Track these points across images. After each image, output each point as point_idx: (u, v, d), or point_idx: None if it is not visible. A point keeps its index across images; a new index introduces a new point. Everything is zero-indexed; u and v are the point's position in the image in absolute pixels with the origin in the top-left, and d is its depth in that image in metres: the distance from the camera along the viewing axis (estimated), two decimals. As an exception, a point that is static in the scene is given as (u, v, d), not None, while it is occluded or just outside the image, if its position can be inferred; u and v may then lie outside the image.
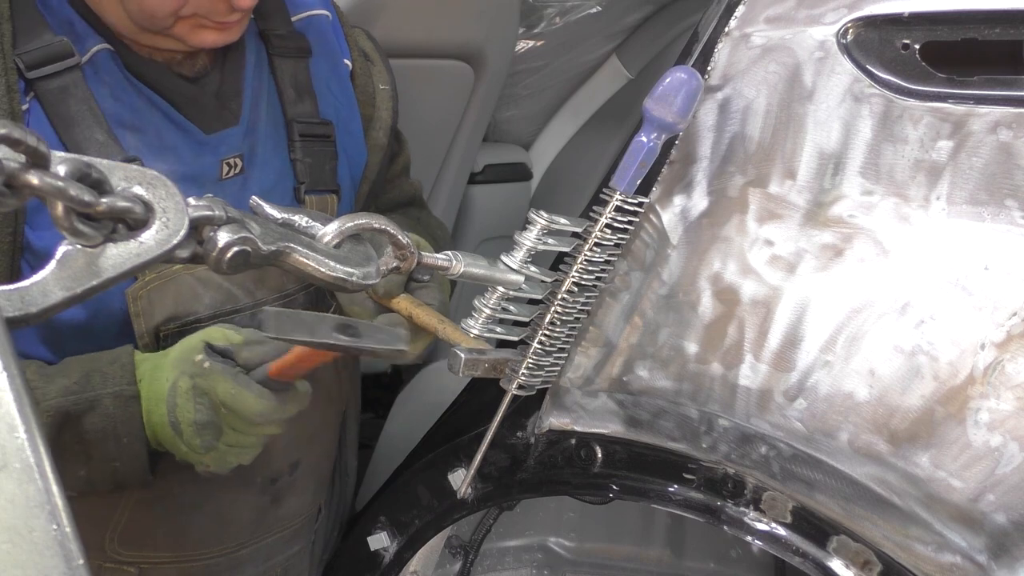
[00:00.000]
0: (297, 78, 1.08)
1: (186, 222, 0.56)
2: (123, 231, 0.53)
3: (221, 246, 0.60)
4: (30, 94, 0.88)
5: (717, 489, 0.91)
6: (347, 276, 0.70)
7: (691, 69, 0.82)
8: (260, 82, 1.06)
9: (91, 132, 0.89)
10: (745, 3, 0.81)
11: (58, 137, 0.88)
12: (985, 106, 0.72)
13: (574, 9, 2.04)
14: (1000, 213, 0.73)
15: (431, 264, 0.84)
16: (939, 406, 0.74)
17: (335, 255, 0.70)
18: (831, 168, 0.79)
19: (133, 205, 0.53)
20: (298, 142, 1.07)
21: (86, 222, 0.51)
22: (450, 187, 2.09)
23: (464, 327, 0.89)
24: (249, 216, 0.65)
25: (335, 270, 0.69)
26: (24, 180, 0.47)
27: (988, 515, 0.74)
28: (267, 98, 1.06)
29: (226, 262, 0.60)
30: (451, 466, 1.07)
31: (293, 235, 0.68)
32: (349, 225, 0.73)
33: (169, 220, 0.55)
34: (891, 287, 0.77)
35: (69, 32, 0.91)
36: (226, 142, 1.00)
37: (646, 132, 0.82)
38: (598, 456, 0.97)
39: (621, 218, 0.85)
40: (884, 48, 0.76)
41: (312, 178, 1.07)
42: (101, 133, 0.90)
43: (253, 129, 1.03)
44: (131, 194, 0.54)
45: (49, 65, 0.88)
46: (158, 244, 0.54)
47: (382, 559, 1.18)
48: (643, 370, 0.91)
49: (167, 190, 0.56)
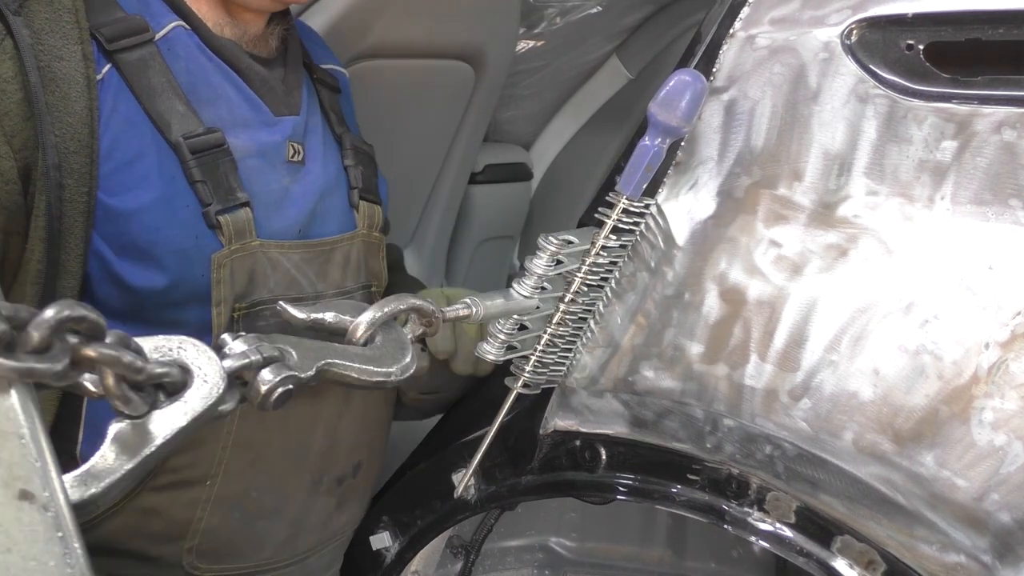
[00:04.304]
0: (334, 107, 1.13)
1: (222, 375, 0.57)
2: (164, 397, 0.55)
3: (264, 391, 0.61)
4: (107, 65, 0.89)
5: (721, 489, 0.91)
6: (386, 377, 0.71)
7: (695, 72, 0.82)
8: (311, 94, 1.09)
9: (172, 103, 0.91)
10: (750, 5, 0.82)
11: (142, 107, 0.90)
12: (989, 106, 0.72)
13: (574, 9, 2.04)
14: (1004, 213, 0.73)
15: (454, 318, 0.86)
16: (943, 405, 0.75)
17: (371, 357, 0.71)
18: (836, 169, 0.79)
19: (170, 369, 0.54)
20: (350, 150, 1.10)
21: (134, 390, 0.53)
22: (450, 187, 2.09)
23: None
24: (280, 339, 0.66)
25: (375, 374, 0.70)
26: (84, 354, 0.48)
27: (992, 514, 0.74)
28: (316, 110, 1.09)
29: (272, 404, 0.62)
30: (455, 466, 1.07)
31: (327, 347, 0.69)
32: (379, 316, 0.73)
33: (207, 376, 0.57)
34: (896, 287, 0.77)
35: (144, 10, 0.94)
36: (290, 127, 1.02)
37: (651, 136, 0.83)
38: (602, 457, 0.97)
39: (627, 219, 0.85)
40: (888, 49, 0.76)
41: (363, 185, 1.10)
42: (181, 104, 0.91)
43: (309, 128, 1.06)
44: (167, 359, 0.55)
45: (126, 39, 0.90)
46: (202, 401, 0.56)
47: (384, 559, 1.18)
48: (648, 370, 0.91)
49: (197, 349, 0.57)
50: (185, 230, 0.91)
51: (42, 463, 0.43)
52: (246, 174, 0.95)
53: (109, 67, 0.89)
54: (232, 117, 0.97)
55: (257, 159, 0.98)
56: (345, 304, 0.76)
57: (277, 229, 0.98)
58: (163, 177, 0.90)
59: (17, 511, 0.42)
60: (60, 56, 0.84)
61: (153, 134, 0.90)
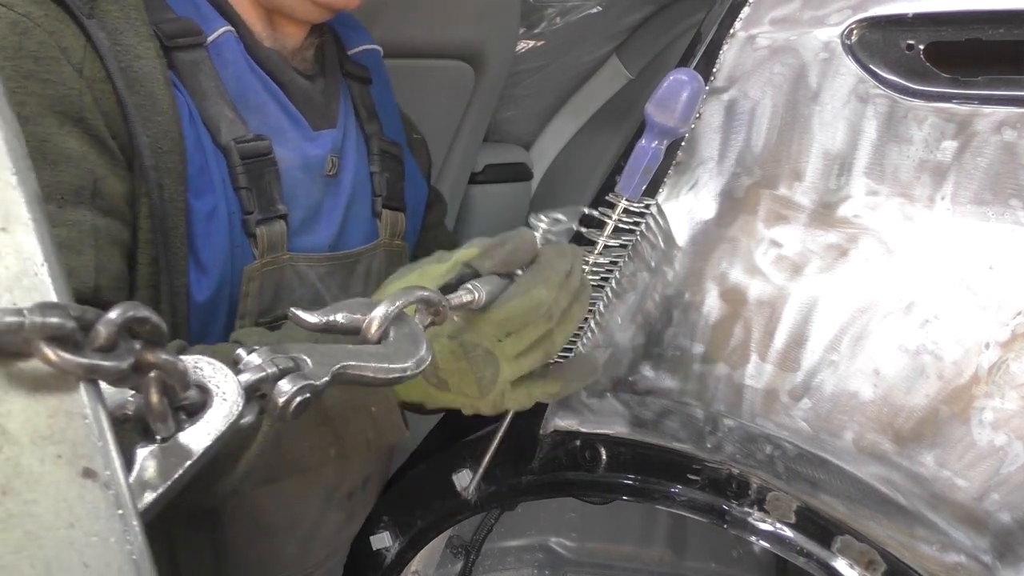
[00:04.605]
0: (364, 101, 1.11)
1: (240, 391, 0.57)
2: (185, 417, 0.55)
3: (283, 403, 0.60)
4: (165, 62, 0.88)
5: (721, 489, 0.91)
6: (402, 372, 0.69)
7: (692, 71, 0.82)
8: (345, 94, 1.08)
9: (221, 108, 0.89)
10: (750, 5, 0.82)
11: (196, 108, 0.88)
12: (989, 106, 0.72)
13: (574, 9, 2.04)
14: (1004, 213, 0.73)
15: (459, 305, 0.84)
16: (944, 405, 0.75)
17: (385, 354, 0.70)
18: (836, 169, 0.80)
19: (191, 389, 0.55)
20: (376, 155, 1.09)
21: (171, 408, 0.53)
22: (450, 187, 2.09)
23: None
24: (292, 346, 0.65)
25: (391, 371, 0.69)
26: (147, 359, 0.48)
27: (993, 514, 0.74)
28: (350, 112, 1.08)
29: (291, 414, 0.61)
30: (456, 467, 1.07)
31: (340, 349, 0.68)
32: (391, 310, 0.72)
33: (226, 394, 0.57)
34: (896, 287, 0.77)
35: (195, 14, 0.92)
36: (329, 141, 1.01)
37: (648, 137, 0.82)
38: (603, 457, 0.97)
39: (627, 219, 0.85)
40: (889, 49, 0.76)
41: (387, 193, 1.09)
42: (229, 110, 0.90)
43: (346, 136, 1.05)
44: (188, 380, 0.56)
45: (182, 38, 0.89)
46: (224, 420, 0.56)
47: (384, 559, 1.18)
48: (649, 370, 0.91)
49: (213, 367, 0.57)
50: (226, 238, 0.89)
51: (104, 443, 0.44)
52: (287, 186, 0.94)
53: (166, 65, 0.87)
54: (276, 128, 0.95)
55: (299, 172, 0.96)
56: (355, 303, 0.75)
57: (308, 243, 0.97)
58: (217, 181, 0.89)
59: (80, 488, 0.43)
60: (138, 55, 0.83)
61: (207, 136, 0.89)
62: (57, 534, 0.42)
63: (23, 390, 0.42)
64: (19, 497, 0.41)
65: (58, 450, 0.43)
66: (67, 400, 0.44)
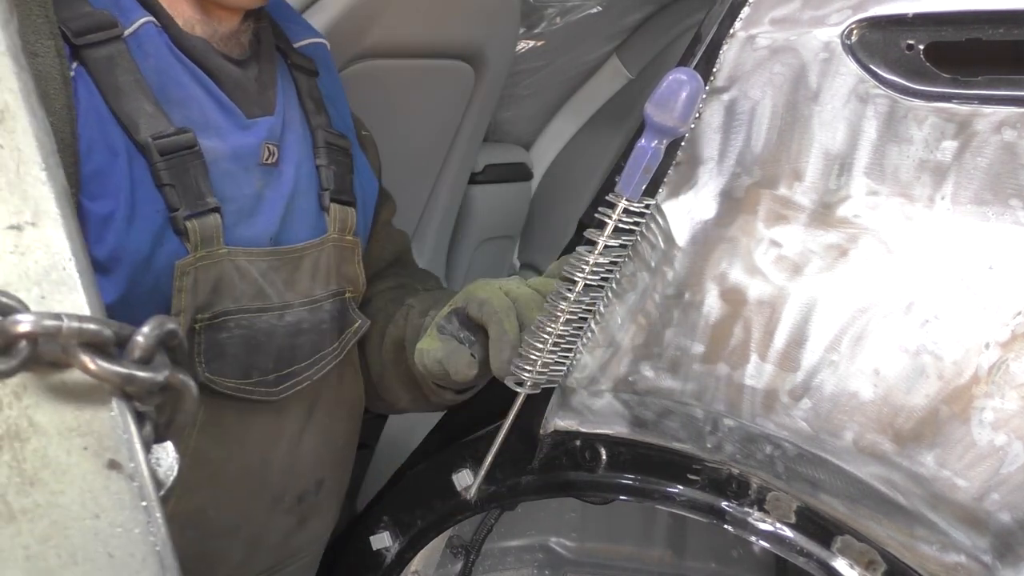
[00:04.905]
0: (312, 93, 1.09)
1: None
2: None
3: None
4: (75, 62, 0.85)
5: (721, 489, 0.91)
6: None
7: (691, 71, 0.82)
8: (287, 85, 1.06)
9: (140, 103, 0.87)
10: (750, 5, 0.81)
11: (108, 107, 0.86)
12: (990, 106, 0.72)
13: (574, 9, 2.04)
14: (1005, 213, 0.73)
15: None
16: (944, 405, 0.75)
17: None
18: (836, 168, 0.80)
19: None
20: (323, 148, 1.06)
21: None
22: (450, 187, 2.09)
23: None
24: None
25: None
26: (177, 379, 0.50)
27: (993, 514, 0.74)
28: (293, 103, 1.06)
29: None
30: (456, 467, 1.07)
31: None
32: None
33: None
34: (896, 287, 0.77)
35: (113, 5, 0.90)
36: (265, 129, 0.99)
37: (647, 137, 0.82)
38: (603, 457, 0.97)
39: (627, 219, 0.85)
40: (889, 49, 0.76)
41: (336, 186, 1.07)
42: (149, 104, 0.88)
43: (286, 125, 1.03)
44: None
45: (93, 34, 0.86)
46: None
47: (384, 559, 1.18)
48: (649, 370, 0.91)
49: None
50: (149, 236, 0.87)
51: (129, 436, 0.45)
52: (217, 178, 0.92)
53: (76, 64, 0.85)
54: (204, 120, 0.93)
55: (230, 163, 0.94)
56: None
57: (248, 236, 0.95)
58: (132, 180, 0.86)
59: (106, 480, 0.44)
60: (34, 52, 0.80)
61: (120, 135, 0.86)
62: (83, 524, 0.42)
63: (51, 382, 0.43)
64: (46, 488, 0.42)
65: (84, 442, 0.44)
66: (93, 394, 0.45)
